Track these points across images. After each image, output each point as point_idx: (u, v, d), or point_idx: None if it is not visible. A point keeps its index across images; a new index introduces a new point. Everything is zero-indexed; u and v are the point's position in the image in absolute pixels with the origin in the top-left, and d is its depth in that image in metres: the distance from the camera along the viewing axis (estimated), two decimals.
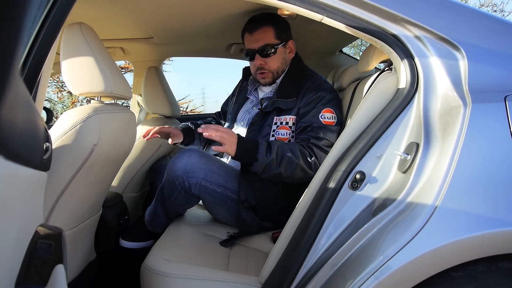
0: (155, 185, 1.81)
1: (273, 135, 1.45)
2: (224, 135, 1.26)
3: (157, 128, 1.50)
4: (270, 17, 1.49)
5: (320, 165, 1.23)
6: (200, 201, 1.46)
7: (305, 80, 1.47)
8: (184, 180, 1.31)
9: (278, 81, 1.54)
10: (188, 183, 1.31)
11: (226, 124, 1.71)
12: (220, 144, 1.26)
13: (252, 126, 1.48)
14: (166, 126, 1.55)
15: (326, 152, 1.30)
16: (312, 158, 1.30)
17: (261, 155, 1.27)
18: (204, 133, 1.23)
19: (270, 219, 1.43)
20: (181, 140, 1.60)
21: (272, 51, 1.47)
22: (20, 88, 0.38)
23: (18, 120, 0.37)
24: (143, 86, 1.95)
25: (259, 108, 1.52)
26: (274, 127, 1.44)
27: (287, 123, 1.44)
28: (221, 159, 1.63)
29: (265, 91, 1.60)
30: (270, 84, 1.55)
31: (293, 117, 1.42)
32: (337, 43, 2.08)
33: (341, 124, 1.39)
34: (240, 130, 1.60)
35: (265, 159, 1.27)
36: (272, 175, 1.30)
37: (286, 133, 1.43)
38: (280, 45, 1.49)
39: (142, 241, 1.53)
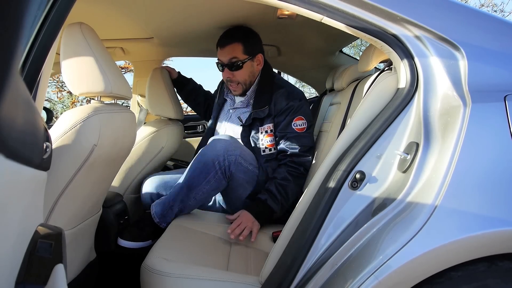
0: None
1: (263, 144, 1.60)
2: (245, 225, 1.38)
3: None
4: (239, 33, 1.64)
5: (306, 168, 1.54)
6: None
7: (275, 88, 1.62)
8: (224, 158, 1.42)
9: (249, 93, 1.68)
10: (228, 161, 1.43)
11: (210, 122, 1.85)
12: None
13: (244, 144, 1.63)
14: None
15: (306, 155, 1.55)
16: (301, 169, 1.53)
17: (274, 206, 1.45)
18: (232, 237, 1.35)
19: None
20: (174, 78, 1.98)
21: (239, 65, 1.62)
22: (20, 87, 0.38)
23: (18, 119, 0.37)
24: (147, 87, 1.95)
25: (241, 125, 1.66)
26: (261, 136, 1.61)
27: (271, 130, 1.61)
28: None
29: (239, 100, 1.75)
30: (241, 95, 1.71)
31: (271, 124, 1.60)
32: (337, 43, 2.08)
33: (311, 127, 1.61)
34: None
35: (278, 206, 1.46)
36: (290, 205, 1.45)
37: (272, 139, 1.60)
38: (248, 60, 1.63)
39: (141, 241, 1.54)
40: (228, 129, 1.74)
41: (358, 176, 0.90)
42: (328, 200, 0.91)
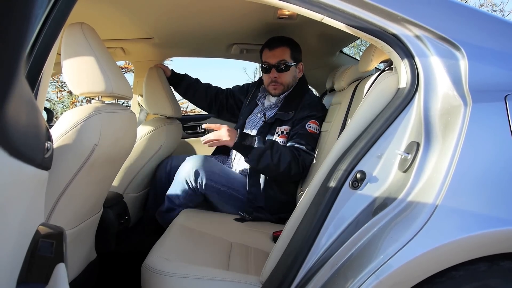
0: (156, 185, 1.84)
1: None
2: (224, 133, 1.49)
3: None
4: (287, 39, 1.76)
5: (306, 165, 1.56)
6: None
7: (305, 99, 1.72)
8: (192, 181, 1.53)
9: (282, 96, 1.78)
10: (196, 183, 1.53)
11: (239, 122, 1.91)
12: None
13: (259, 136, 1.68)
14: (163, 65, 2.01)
15: (310, 154, 1.59)
16: (300, 157, 1.55)
17: (258, 143, 1.51)
18: (208, 144, 1.51)
19: (279, 213, 1.63)
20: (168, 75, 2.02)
21: (286, 68, 1.73)
22: (23, 87, 0.38)
23: (21, 118, 0.37)
24: (144, 86, 1.95)
25: (263, 121, 1.75)
26: (275, 135, 1.68)
27: (284, 132, 1.68)
28: (232, 168, 1.83)
29: (271, 101, 1.84)
30: (278, 95, 1.79)
31: (289, 127, 1.67)
32: (338, 43, 2.08)
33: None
34: None
35: (261, 147, 1.50)
36: (268, 166, 1.50)
37: (284, 141, 1.67)
38: (293, 64, 1.75)
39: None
40: (252, 125, 1.82)
41: (358, 175, 0.91)
42: (329, 200, 0.91)
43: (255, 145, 1.51)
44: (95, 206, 1.22)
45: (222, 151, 1.96)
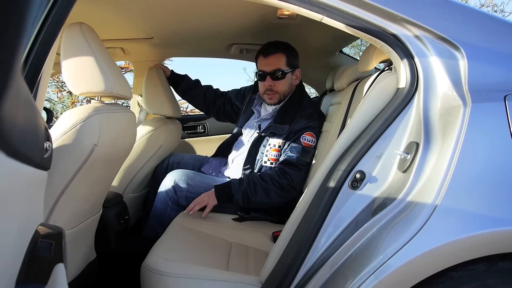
0: (156, 185, 1.84)
1: (266, 155, 1.64)
2: (203, 198, 1.52)
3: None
4: (283, 45, 1.70)
5: (296, 183, 1.53)
6: None
7: (301, 109, 1.66)
8: (173, 194, 1.58)
9: (278, 107, 1.72)
10: (176, 196, 1.58)
11: (235, 130, 1.90)
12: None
13: (252, 148, 1.70)
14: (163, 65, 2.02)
15: (300, 168, 1.53)
16: (282, 180, 1.51)
17: (235, 190, 1.51)
18: (191, 212, 1.50)
19: (279, 215, 1.63)
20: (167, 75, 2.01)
21: (282, 75, 1.67)
22: (21, 87, 0.38)
23: (19, 118, 0.37)
24: (144, 86, 1.95)
25: (257, 133, 1.72)
26: (268, 147, 1.65)
27: (279, 146, 1.63)
28: (227, 168, 1.83)
29: (267, 110, 1.79)
30: (275, 104, 1.74)
31: (283, 141, 1.62)
32: (337, 43, 2.08)
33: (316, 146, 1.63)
34: (243, 149, 1.79)
35: (239, 191, 1.50)
36: (255, 203, 1.52)
37: (277, 155, 1.63)
38: (289, 71, 1.69)
39: None
40: (248, 135, 1.81)
41: (358, 176, 0.91)
42: (328, 200, 0.91)
43: (233, 189, 1.52)
44: (94, 206, 1.22)
45: (221, 154, 1.94)
